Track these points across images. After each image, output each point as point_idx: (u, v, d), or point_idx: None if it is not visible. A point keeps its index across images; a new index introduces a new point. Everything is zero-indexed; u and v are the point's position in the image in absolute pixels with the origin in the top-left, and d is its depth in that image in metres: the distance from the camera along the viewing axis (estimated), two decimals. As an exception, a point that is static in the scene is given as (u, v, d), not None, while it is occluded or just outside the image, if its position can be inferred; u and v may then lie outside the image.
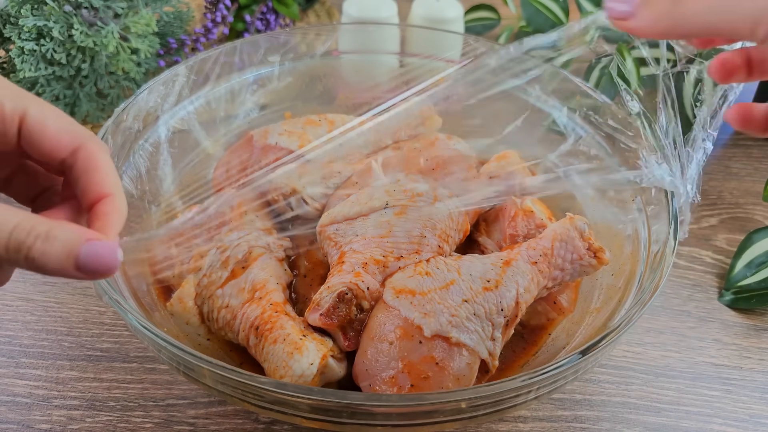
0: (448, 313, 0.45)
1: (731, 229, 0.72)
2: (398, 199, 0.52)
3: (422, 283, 0.47)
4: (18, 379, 0.55)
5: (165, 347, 0.41)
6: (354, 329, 0.47)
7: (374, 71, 0.76)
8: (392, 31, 0.80)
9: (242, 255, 0.52)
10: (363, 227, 0.51)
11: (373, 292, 0.47)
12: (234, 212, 0.55)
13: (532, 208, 0.56)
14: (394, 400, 0.39)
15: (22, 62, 0.72)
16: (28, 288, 0.62)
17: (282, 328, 0.47)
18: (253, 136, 0.63)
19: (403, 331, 0.45)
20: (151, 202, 0.61)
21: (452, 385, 0.44)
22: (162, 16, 0.85)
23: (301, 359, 0.44)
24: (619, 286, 0.53)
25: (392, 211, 0.51)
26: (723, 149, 0.84)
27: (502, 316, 0.47)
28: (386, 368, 0.44)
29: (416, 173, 0.54)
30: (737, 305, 0.64)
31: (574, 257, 0.52)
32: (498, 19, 1.03)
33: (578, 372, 0.44)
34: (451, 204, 0.53)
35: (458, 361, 0.45)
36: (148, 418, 0.52)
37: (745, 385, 0.57)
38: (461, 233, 0.53)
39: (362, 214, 0.52)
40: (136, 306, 0.48)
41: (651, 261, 0.51)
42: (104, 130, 0.56)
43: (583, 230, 0.52)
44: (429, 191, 0.53)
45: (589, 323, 0.52)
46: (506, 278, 0.49)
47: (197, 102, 0.68)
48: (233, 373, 0.39)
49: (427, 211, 0.51)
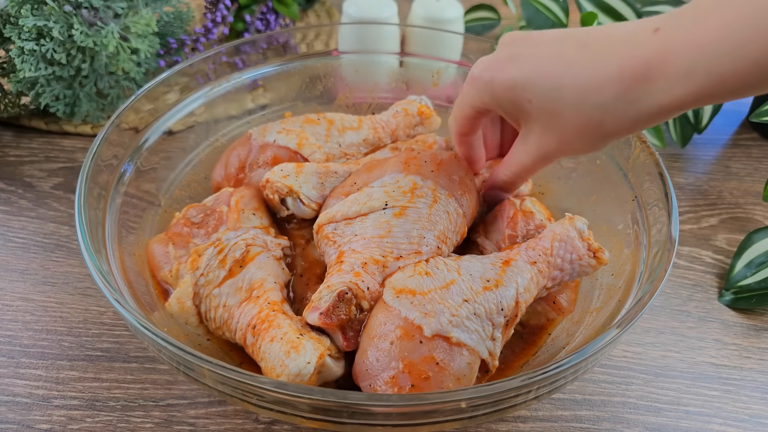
0: (449, 312, 0.45)
1: (731, 229, 0.72)
2: (397, 199, 0.52)
3: (422, 283, 0.47)
4: (18, 379, 0.55)
5: (165, 347, 0.41)
6: (353, 329, 0.47)
7: (374, 71, 0.76)
8: (392, 31, 0.81)
9: (240, 254, 0.52)
10: (362, 227, 0.51)
11: (373, 292, 0.47)
12: (231, 211, 0.55)
13: (531, 209, 0.56)
14: (395, 400, 0.39)
15: (22, 62, 0.72)
16: (28, 288, 0.62)
17: (279, 326, 0.46)
18: (252, 134, 0.63)
19: (403, 330, 0.45)
20: (151, 202, 0.61)
21: (452, 385, 0.44)
22: (162, 16, 0.85)
23: (297, 358, 0.44)
24: (619, 286, 0.53)
25: (391, 212, 0.51)
26: (723, 149, 0.84)
27: (502, 315, 0.47)
28: (386, 368, 0.44)
29: (416, 174, 0.54)
30: (737, 305, 0.64)
31: (573, 257, 0.52)
32: (498, 19, 1.03)
33: (578, 372, 0.44)
34: (450, 206, 0.53)
35: (459, 360, 0.44)
36: (148, 418, 0.52)
37: (745, 385, 0.57)
38: (459, 235, 0.53)
39: (361, 214, 0.52)
40: (135, 306, 0.48)
41: (651, 261, 0.51)
42: (105, 130, 0.56)
43: (582, 230, 0.52)
44: (429, 193, 0.53)
45: (589, 323, 0.52)
46: (506, 278, 0.49)
47: (198, 102, 0.68)
48: (233, 373, 0.39)
49: (426, 213, 0.51)
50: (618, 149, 0.60)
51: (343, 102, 0.76)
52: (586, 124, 0.42)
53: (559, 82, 0.42)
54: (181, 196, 0.65)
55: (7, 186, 0.73)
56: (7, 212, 0.70)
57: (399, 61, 0.77)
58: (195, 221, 0.55)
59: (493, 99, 0.46)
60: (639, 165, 0.57)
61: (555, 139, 0.44)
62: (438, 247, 0.51)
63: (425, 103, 0.69)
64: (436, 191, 0.53)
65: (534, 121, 0.45)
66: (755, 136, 0.87)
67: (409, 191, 0.53)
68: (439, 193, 0.53)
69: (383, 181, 0.54)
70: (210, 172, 0.66)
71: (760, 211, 0.75)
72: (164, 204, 0.63)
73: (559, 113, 0.43)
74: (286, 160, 0.60)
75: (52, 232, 0.68)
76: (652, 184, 0.55)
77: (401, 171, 0.54)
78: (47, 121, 0.81)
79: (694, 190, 0.77)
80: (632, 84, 0.39)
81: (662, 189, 0.53)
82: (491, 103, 0.47)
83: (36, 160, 0.77)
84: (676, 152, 0.83)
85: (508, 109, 0.46)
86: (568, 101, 0.42)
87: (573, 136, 0.43)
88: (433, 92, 0.75)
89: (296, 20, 0.99)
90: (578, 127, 0.42)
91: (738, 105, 0.91)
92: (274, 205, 0.58)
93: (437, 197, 0.53)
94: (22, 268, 0.64)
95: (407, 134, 0.68)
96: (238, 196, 0.56)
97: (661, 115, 0.39)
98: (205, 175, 0.67)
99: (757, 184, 0.79)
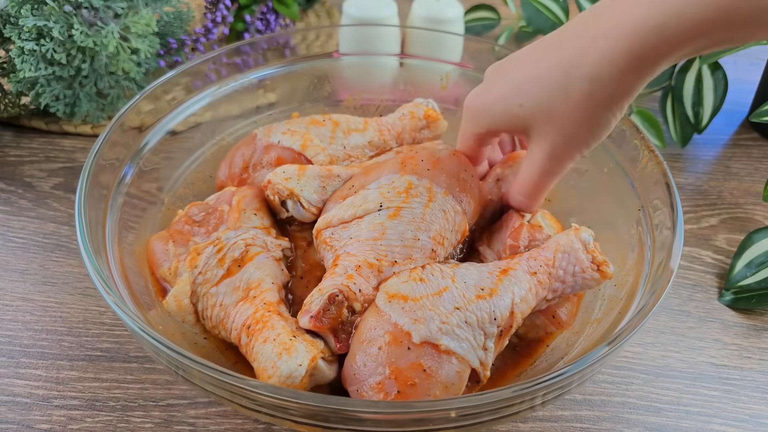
0: (439, 320, 0.45)
1: (731, 229, 0.72)
2: (392, 200, 0.51)
3: (415, 289, 0.46)
4: (18, 379, 0.55)
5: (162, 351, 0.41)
6: (345, 332, 0.47)
7: (375, 73, 0.76)
8: (392, 31, 0.81)
9: (239, 253, 0.52)
10: (357, 230, 0.51)
11: (366, 295, 0.47)
12: (232, 210, 0.55)
13: (540, 223, 0.54)
14: (380, 407, 0.39)
15: (22, 62, 0.72)
16: (28, 288, 0.62)
17: (273, 328, 0.46)
18: (257, 134, 0.63)
19: (392, 336, 0.44)
20: (152, 201, 0.61)
21: (440, 392, 0.43)
22: (162, 16, 0.85)
23: (289, 360, 0.44)
24: (621, 297, 0.52)
25: (386, 213, 0.51)
26: (723, 149, 0.84)
27: (495, 325, 0.46)
28: (373, 373, 0.43)
29: (412, 174, 0.53)
30: (737, 305, 0.64)
31: (576, 270, 0.50)
32: (498, 19, 1.03)
33: (572, 385, 0.43)
34: (447, 204, 0.52)
35: (447, 368, 0.44)
36: (148, 418, 0.52)
37: (745, 385, 0.57)
38: (459, 234, 0.53)
39: (357, 217, 0.51)
40: (133, 305, 0.48)
41: (653, 273, 0.50)
42: (109, 128, 0.56)
43: (587, 242, 0.51)
44: (424, 192, 0.52)
45: (589, 334, 0.51)
46: (502, 287, 0.48)
47: (204, 101, 0.68)
48: (221, 374, 0.39)
49: (420, 212, 0.51)
50: (625, 156, 0.59)
51: (351, 104, 0.76)
52: (578, 103, 0.42)
53: (538, 74, 0.44)
54: (185, 194, 0.65)
55: (7, 186, 0.73)
56: (7, 212, 0.70)
57: (399, 63, 0.77)
58: (196, 219, 0.55)
59: (490, 119, 0.48)
60: (646, 174, 0.56)
61: (557, 136, 0.45)
62: (432, 249, 0.50)
63: (432, 106, 0.68)
64: (432, 189, 0.52)
65: (532, 125, 0.45)
66: (755, 136, 0.87)
67: (404, 191, 0.52)
68: (435, 191, 0.52)
69: (379, 182, 0.53)
70: (215, 170, 0.65)
71: (760, 211, 0.75)
72: (168, 201, 0.63)
73: (551, 102, 0.43)
74: (289, 161, 0.60)
75: (52, 232, 0.68)
76: (658, 195, 0.54)
77: (397, 171, 0.54)
78: (47, 121, 0.81)
79: (694, 190, 0.77)
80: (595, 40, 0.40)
81: (668, 200, 0.52)
82: (489, 124, 0.48)
83: (36, 160, 0.77)
84: (676, 152, 0.83)
85: (506, 124, 0.47)
86: (554, 87, 0.43)
87: (571, 123, 0.44)
88: (441, 95, 0.74)
89: (296, 20, 0.99)
90: (572, 110, 0.43)
91: (738, 105, 0.91)
92: (274, 207, 0.58)
93: (433, 196, 0.52)
94: (22, 268, 0.64)
95: (413, 137, 0.67)
96: (240, 196, 0.56)
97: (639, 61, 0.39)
98: (209, 173, 0.67)
99: (757, 184, 0.79)
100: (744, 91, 0.93)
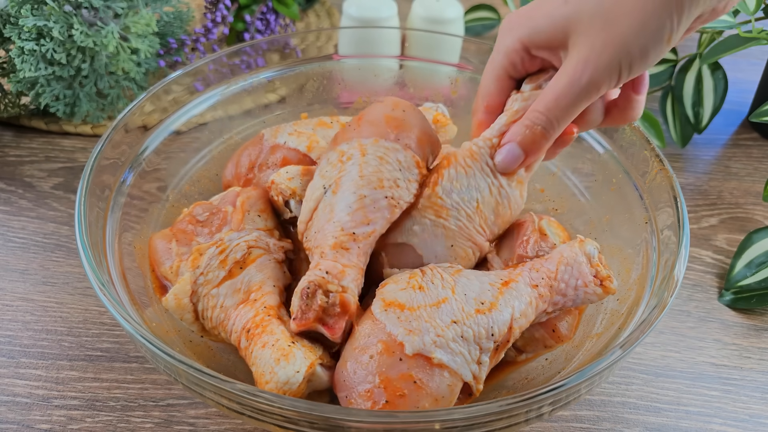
0: (434, 332, 0.44)
1: (731, 229, 0.72)
2: (331, 176, 0.50)
3: (413, 298, 0.46)
4: (18, 379, 0.55)
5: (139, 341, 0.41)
6: (331, 315, 0.46)
7: (377, 74, 0.76)
8: (392, 32, 0.80)
9: (241, 255, 0.52)
10: (317, 222, 0.50)
11: (336, 273, 0.46)
12: (236, 212, 0.55)
13: (546, 231, 0.53)
14: (362, 416, 0.39)
15: (22, 62, 0.72)
16: (28, 288, 0.62)
17: (272, 333, 0.46)
18: (264, 134, 0.63)
19: (384, 346, 0.44)
20: (154, 201, 0.61)
21: (429, 405, 0.43)
22: (162, 16, 0.85)
23: (287, 366, 0.44)
24: (622, 312, 0.51)
25: (330, 191, 0.49)
26: (723, 149, 0.84)
27: (491, 341, 0.45)
28: (363, 381, 0.43)
29: (341, 143, 0.51)
30: (737, 305, 0.64)
31: (578, 283, 0.49)
32: (498, 19, 1.03)
33: (561, 403, 0.42)
34: (380, 149, 0.49)
35: (438, 381, 0.43)
36: (148, 418, 0.52)
37: (745, 385, 0.57)
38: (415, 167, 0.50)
39: (313, 210, 0.51)
40: (129, 303, 0.48)
41: (656, 288, 0.49)
42: (113, 127, 0.56)
43: (591, 255, 0.49)
44: (355, 151, 0.49)
45: (588, 348, 0.50)
46: (502, 301, 0.46)
47: (212, 100, 0.68)
48: (204, 375, 0.39)
49: (357, 172, 0.48)
50: (635, 167, 0.59)
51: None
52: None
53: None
54: (191, 191, 0.65)
55: (7, 186, 0.73)
56: (7, 212, 0.70)
57: (399, 65, 0.77)
58: (200, 219, 0.55)
59: (530, 26, 0.44)
60: (655, 186, 0.55)
61: (600, 35, 0.40)
62: (386, 197, 0.48)
63: (441, 111, 0.67)
64: (361, 144, 0.50)
65: (576, 25, 0.41)
66: (755, 136, 0.87)
67: (337, 161, 0.50)
68: (364, 144, 0.50)
69: (319, 167, 0.52)
70: (221, 169, 0.65)
71: (760, 211, 0.75)
72: (172, 199, 0.63)
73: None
74: (295, 162, 0.60)
75: (52, 232, 0.68)
76: (666, 208, 0.53)
77: (331, 149, 0.52)
78: (47, 121, 0.81)
79: (694, 190, 0.78)
80: None
81: (675, 215, 0.51)
82: (528, 33, 0.44)
83: (36, 160, 0.77)
84: (676, 152, 0.83)
85: (545, 30, 0.43)
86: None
87: (621, 17, 0.39)
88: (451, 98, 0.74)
89: (296, 20, 0.99)
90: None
91: (738, 105, 0.91)
92: (278, 207, 0.58)
93: (364, 150, 0.49)
94: (22, 268, 0.64)
95: None
96: (244, 197, 0.56)
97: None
98: (216, 171, 0.67)
99: (757, 184, 0.79)
100: (744, 91, 0.93)
